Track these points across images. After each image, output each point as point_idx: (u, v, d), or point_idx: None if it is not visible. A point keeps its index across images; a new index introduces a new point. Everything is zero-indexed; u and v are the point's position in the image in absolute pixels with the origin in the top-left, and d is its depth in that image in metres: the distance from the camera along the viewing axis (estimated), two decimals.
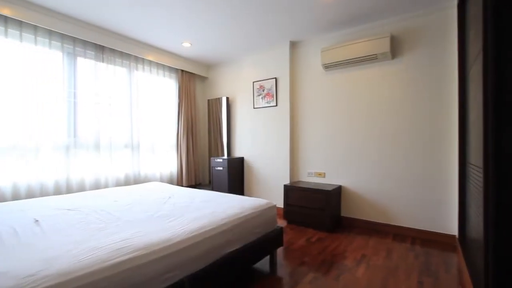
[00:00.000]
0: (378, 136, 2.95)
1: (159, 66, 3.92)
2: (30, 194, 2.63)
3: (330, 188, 2.93)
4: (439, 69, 2.62)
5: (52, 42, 2.80)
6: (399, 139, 2.83)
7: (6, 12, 2.43)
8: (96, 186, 3.15)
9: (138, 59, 3.62)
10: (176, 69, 4.15)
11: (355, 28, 3.08)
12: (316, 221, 2.95)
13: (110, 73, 3.29)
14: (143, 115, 3.69)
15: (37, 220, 1.56)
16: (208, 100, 4.55)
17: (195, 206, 1.95)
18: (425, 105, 2.69)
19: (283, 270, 2.03)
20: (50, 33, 2.78)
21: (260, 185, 3.86)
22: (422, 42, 2.70)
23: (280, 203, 3.53)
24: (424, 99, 2.69)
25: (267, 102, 3.72)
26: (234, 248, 1.67)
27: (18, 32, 2.57)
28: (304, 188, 3.05)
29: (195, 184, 4.36)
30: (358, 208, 3.09)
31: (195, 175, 4.37)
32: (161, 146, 3.94)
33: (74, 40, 2.96)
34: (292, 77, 3.57)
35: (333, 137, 3.26)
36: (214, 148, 4.44)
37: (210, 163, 4.23)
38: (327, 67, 3.16)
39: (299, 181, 3.44)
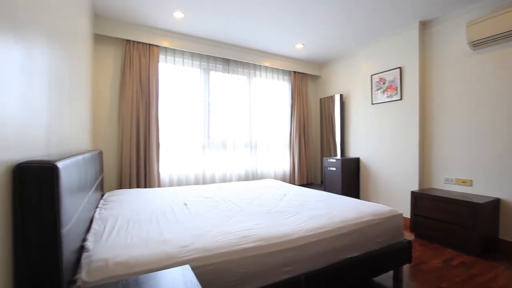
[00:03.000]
0: None
1: (274, 70, 4.18)
2: (179, 183, 3.37)
3: (481, 201, 2.27)
4: None
5: (194, 62, 3.49)
6: None
7: (165, 44, 3.21)
8: (223, 179, 3.68)
9: (256, 67, 3.99)
10: (289, 71, 4.31)
11: None
12: (458, 241, 2.36)
13: (234, 82, 3.78)
14: (260, 117, 4.03)
15: (185, 204, 1.97)
16: (321, 99, 4.47)
17: (310, 205, 1.95)
18: None
19: None
20: (192, 55, 3.47)
21: (379, 189, 3.45)
22: None
23: (404, 212, 3.04)
24: None
25: (389, 96, 3.29)
26: (352, 255, 1.56)
27: (172, 58, 3.35)
28: (440, 197, 2.50)
29: (307, 183, 4.39)
30: None
31: (307, 174, 4.40)
32: (275, 146, 4.19)
33: (208, 57, 3.59)
34: (422, 64, 3.00)
35: (485, 136, 2.51)
36: (327, 147, 4.32)
37: (322, 163, 4.15)
38: (477, 44, 2.46)
39: (432, 188, 2.85)
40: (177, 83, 3.36)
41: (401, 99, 3.16)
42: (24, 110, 0.85)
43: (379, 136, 3.45)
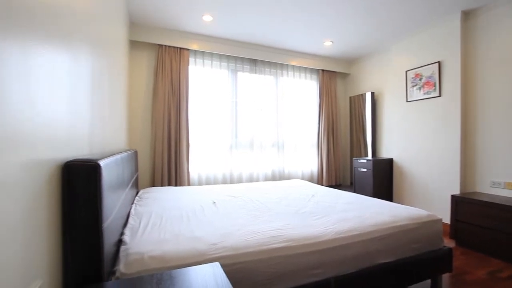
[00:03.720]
0: None
1: (301, 69, 4.12)
2: (207, 182, 3.46)
3: None
4: None
5: (222, 63, 3.56)
6: None
7: (195, 47, 3.32)
8: (250, 179, 3.71)
9: (283, 66, 3.96)
10: (317, 69, 4.22)
11: None
12: (507, 251, 2.14)
13: (261, 82, 3.79)
14: (287, 117, 3.99)
15: (214, 202, 2.02)
16: (350, 97, 4.32)
17: (339, 207, 1.89)
18: None
19: None
20: (220, 57, 3.54)
21: (415, 192, 3.24)
22: None
23: (443, 217, 2.82)
24: None
25: (426, 93, 3.08)
26: (385, 260, 1.48)
27: (201, 60, 3.44)
28: (487, 202, 2.29)
29: (335, 184, 4.26)
30: None
31: (336, 175, 4.27)
32: (302, 146, 4.13)
33: (236, 58, 3.63)
34: (464, 57, 2.77)
35: None
36: (357, 147, 4.16)
37: (352, 164, 4.00)
38: None
39: (475, 192, 2.62)
40: (205, 84, 3.45)
41: (439, 96, 2.94)
42: (71, 112, 0.93)
43: (415, 136, 3.25)
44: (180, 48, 3.24)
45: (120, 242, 1.23)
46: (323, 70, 4.20)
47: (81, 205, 0.82)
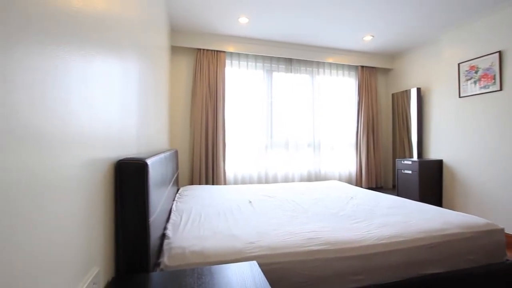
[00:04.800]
0: None
1: (338, 66, 3.97)
2: (242, 181, 3.51)
3: None
4: None
5: (257, 64, 3.59)
6: None
7: (231, 49, 3.39)
8: (285, 179, 3.68)
9: (319, 64, 3.86)
10: (355, 66, 4.04)
11: None
12: None
13: (297, 81, 3.75)
14: (324, 115, 3.88)
15: (250, 202, 2.04)
16: (393, 94, 4.05)
17: (381, 211, 1.78)
18: None
19: None
20: (256, 58, 3.58)
21: (470, 198, 2.92)
22: None
23: (506, 227, 2.49)
24: None
25: (484, 87, 2.76)
26: (434, 271, 1.36)
27: (237, 61, 3.51)
28: None
29: (376, 186, 4.03)
30: None
31: (376, 177, 4.04)
32: (340, 146, 3.98)
33: (271, 58, 3.64)
34: None
35: None
36: (400, 148, 3.89)
37: (395, 165, 3.75)
38: None
39: None
40: (241, 85, 3.52)
41: (500, 90, 2.61)
42: (122, 114, 1.01)
43: (469, 135, 2.92)
44: (217, 51, 3.34)
45: (163, 236, 1.31)
46: (362, 66, 4.00)
47: (130, 200, 0.89)
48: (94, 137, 0.72)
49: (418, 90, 3.58)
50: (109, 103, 0.85)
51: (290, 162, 3.69)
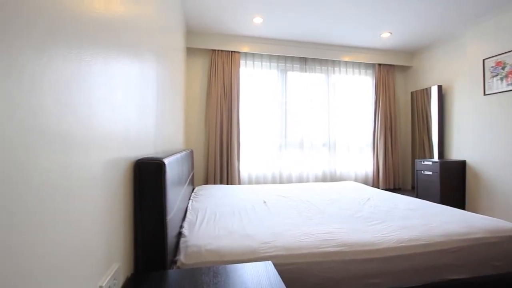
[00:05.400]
0: None
1: (355, 65, 3.89)
2: (257, 181, 3.52)
3: None
4: None
5: (271, 63, 3.58)
6: None
7: (245, 49, 3.41)
8: (300, 179, 3.65)
9: (334, 62, 3.80)
10: (372, 64, 3.94)
11: None
12: None
13: (311, 80, 3.71)
14: (339, 115, 3.82)
15: (265, 202, 2.04)
16: (412, 92, 3.92)
17: (400, 213, 1.73)
18: None
19: None
20: (270, 57, 3.57)
21: (496, 201, 2.78)
22: None
23: None
24: None
25: (511, 84, 2.61)
26: (456, 277, 1.30)
27: (251, 62, 3.52)
28: None
29: (394, 188, 3.91)
30: None
31: (394, 178, 3.92)
32: (356, 146, 3.90)
33: (285, 58, 3.62)
34: None
35: None
36: (420, 148, 3.76)
37: (414, 166, 3.63)
38: None
39: None
40: (256, 85, 3.52)
41: None
42: (140, 115, 1.04)
43: (496, 134, 2.78)
44: (232, 51, 3.36)
45: (179, 234, 1.34)
46: (379, 64, 3.90)
47: (149, 199, 0.92)
48: (115, 137, 0.75)
49: (439, 87, 3.44)
50: (128, 105, 0.88)
51: (304, 162, 3.66)
